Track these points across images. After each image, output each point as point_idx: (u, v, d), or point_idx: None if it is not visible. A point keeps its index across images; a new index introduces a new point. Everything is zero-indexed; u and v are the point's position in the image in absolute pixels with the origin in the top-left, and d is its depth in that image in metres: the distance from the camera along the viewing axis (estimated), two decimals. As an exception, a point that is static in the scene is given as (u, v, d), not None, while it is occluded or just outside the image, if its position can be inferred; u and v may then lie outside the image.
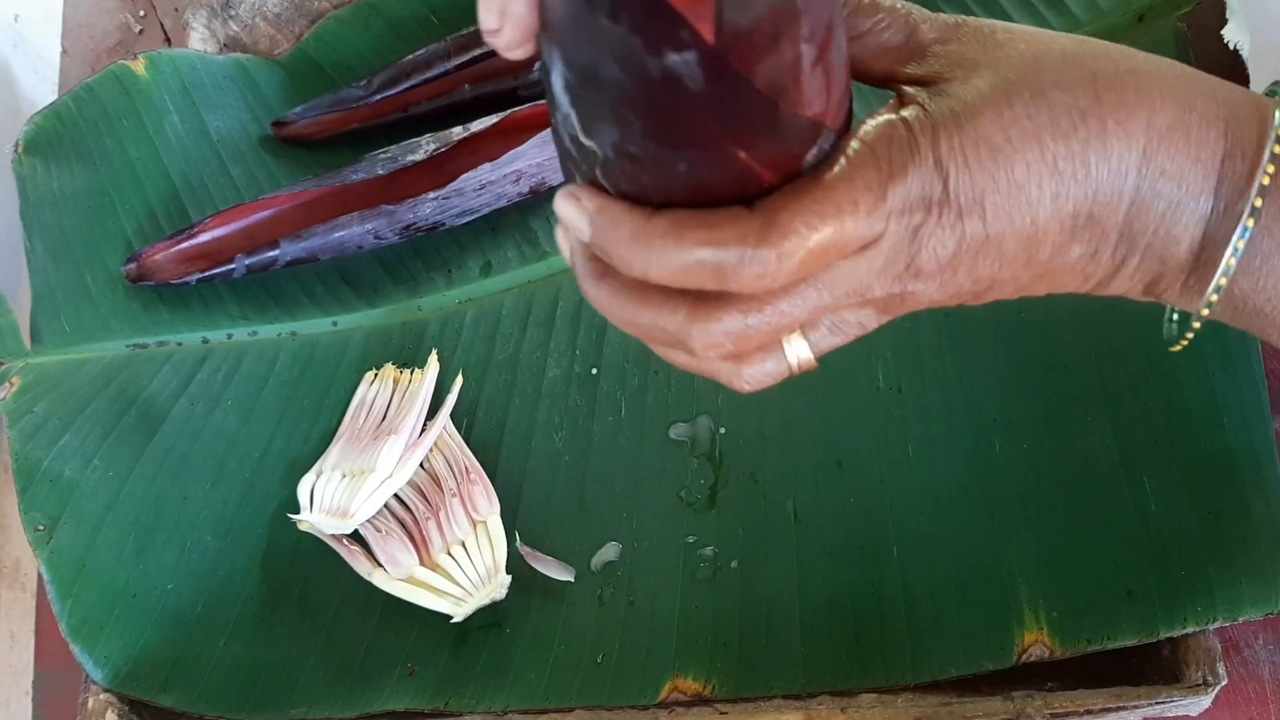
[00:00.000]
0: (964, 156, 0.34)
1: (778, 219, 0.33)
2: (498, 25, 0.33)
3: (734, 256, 0.33)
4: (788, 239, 0.33)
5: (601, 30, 0.32)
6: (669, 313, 0.35)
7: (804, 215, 0.33)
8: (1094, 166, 0.34)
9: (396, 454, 0.61)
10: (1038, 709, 0.50)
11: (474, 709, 0.58)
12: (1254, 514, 0.53)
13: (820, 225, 0.33)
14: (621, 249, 0.35)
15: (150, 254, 0.67)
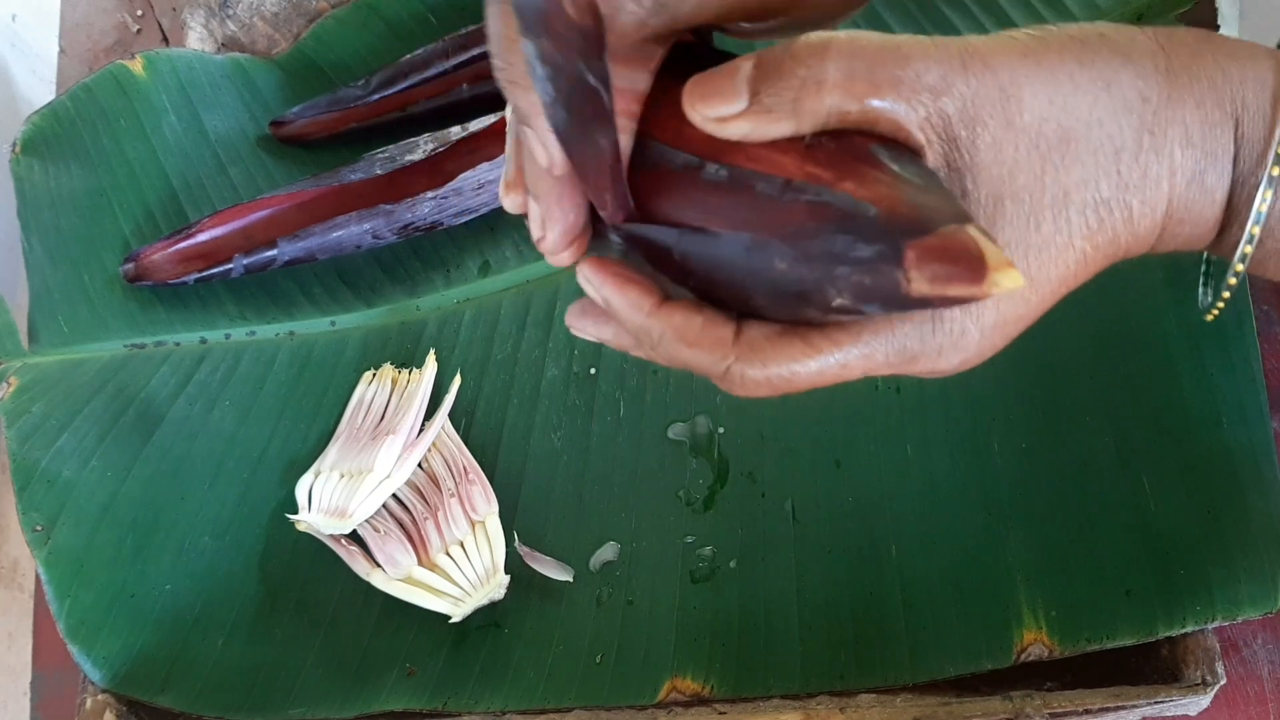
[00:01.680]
0: (996, 303, 0.35)
1: (754, 357, 0.35)
2: (541, 234, 0.37)
3: (710, 371, 0.36)
4: (759, 372, 0.35)
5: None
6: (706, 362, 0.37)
7: (782, 358, 0.35)
8: (1123, 241, 0.35)
9: (395, 454, 0.61)
10: (1036, 708, 0.50)
11: (472, 709, 0.57)
12: (1253, 513, 0.53)
13: (795, 364, 0.35)
14: (629, 330, 0.38)
15: (148, 254, 0.67)
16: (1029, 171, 0.34)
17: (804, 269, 0.33)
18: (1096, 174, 0.34)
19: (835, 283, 0.33)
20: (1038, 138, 0.34)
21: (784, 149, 0.34)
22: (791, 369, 0.35)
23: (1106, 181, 0.34)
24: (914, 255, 0.31)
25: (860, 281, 0.32)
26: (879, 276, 0.32)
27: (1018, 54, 0.34)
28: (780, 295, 0.34)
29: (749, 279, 0.35)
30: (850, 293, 0.32)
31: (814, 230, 0.33)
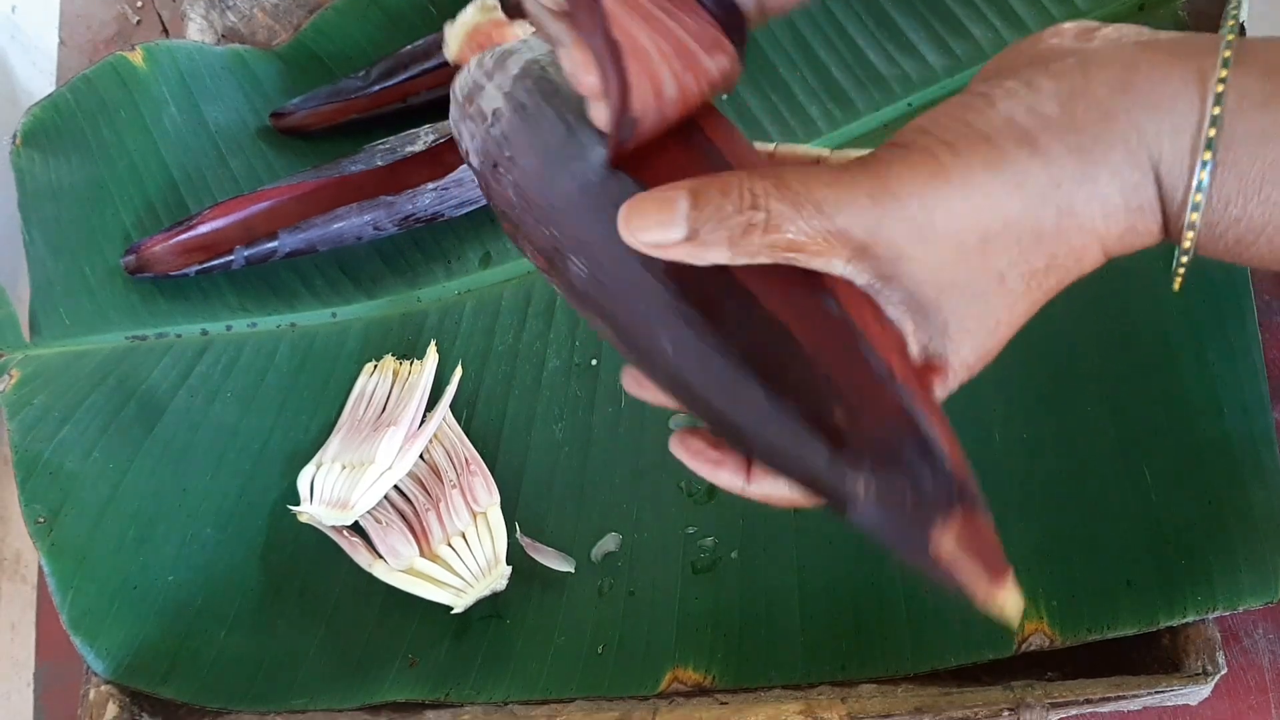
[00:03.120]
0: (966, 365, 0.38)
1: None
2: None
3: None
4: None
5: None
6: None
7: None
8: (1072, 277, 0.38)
9: (396, 445, 0.61)
10: (1038, 698, 0.50)
11: (475, 699, 0.58)
12: (1254, 503, 0.53)
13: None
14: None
15: (149, 246, 0.67)
16: (959, 269, 0.36)
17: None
18: (1025, 255, 0.36)
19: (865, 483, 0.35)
20: (959, 245, 0.36)
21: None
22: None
23: (1037, 258, 0.36)
24: (954, 532, 0.33)
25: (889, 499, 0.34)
26: (914, 512, 0.34)
27: (926, 176, 0.36)
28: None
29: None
30: (873, 499, 0.35)
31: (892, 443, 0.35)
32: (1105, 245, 0.37)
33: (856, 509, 0.35)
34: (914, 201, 0.35)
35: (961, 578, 0.33)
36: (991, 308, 0.37)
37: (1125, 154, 0.35)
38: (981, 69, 0.39)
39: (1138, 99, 0.35)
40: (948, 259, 0.36)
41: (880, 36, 0.67)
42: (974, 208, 0.35)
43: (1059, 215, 0.36)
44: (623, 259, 0.37)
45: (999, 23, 0.66)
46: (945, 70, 0.66)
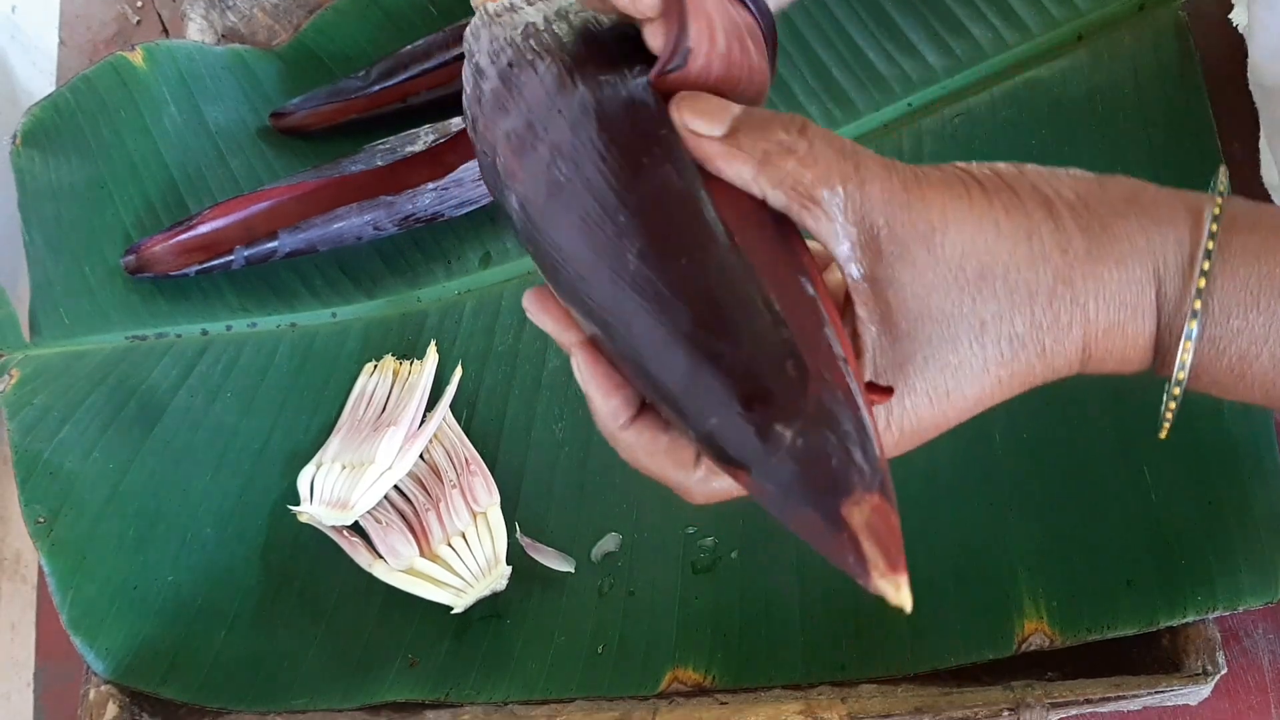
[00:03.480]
0: (915, 415, 0.37)
1: (713, 477, 0.38)
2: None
3: (670, 483, 0.40)
4: (716, 487, 0.39)
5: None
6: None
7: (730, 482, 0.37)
8: (1039, 373, 0.38)
9: (396, 445, 0.61)
10: (1038, 698, 0.50)
11: (475, 699, 0.58)
12: (1254, 503, 0.53)
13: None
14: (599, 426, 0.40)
15: (149, 246, 0.67)
16: (947, 297, 0.36)
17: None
18: (1012, 311, 0.36)
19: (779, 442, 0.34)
20: (958, 270, 0.36)
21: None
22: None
23: (1020, 319, 0.36)
24: (869, 508, 0.33)
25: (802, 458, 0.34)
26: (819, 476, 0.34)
27: (954, 193, 0.37)
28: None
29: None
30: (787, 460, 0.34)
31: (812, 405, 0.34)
32: (1088, 338, 0.37)
33: (766, 462, 0.34)
34: (936, 207, 0.36)
35: (863, 552, 0.33)
36: (957, 360, 0.36)
37: (1131, 250, 0.37)
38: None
39: (1145, 209, 0.37)
40: (941, 282, 0.36)
41: (880, 36, 0.67)
42: (983, 241, 0.36)
43: (1055, 281, 0.36)
44: (614, 167, 0.37)
45: (999, 23, 0.66)
46: (945, 70, 0.66)
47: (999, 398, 0.38)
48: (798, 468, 0.34)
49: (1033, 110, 0.63)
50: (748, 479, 0.35)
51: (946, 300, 0.36)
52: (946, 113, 0.65)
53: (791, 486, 0.34)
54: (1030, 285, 0.36)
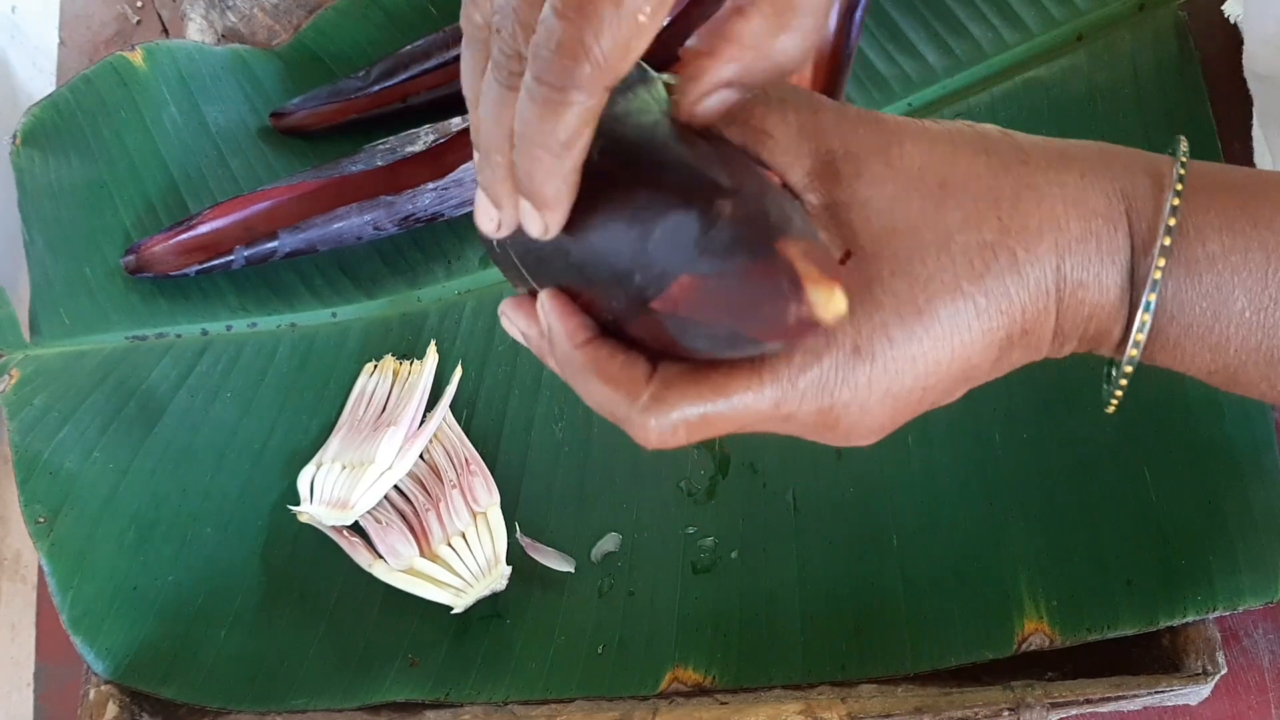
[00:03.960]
0: (886, 334, 0.35)
1: (666, 396, 0.35)
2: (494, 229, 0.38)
3: (623, 414, 0.36)
4: (669, 414, 0.35)
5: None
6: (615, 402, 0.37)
7: (690, 397, 0.35)
8: (1014, 294, 0.35)
9: (396, 445, 0.61)
10: (1038, 698, 0.50)
11: (475, 699, 0.58)
12: (1254, 503, 0.53)
13: (704, 405, 0.35)
14: (551, 363, 0.38)
15: (149, 246, 0.67)
16: (909, 206, 0.35)
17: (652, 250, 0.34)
18: (977, 218, 0.35)
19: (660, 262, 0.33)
20: (918, 180, 0.35)
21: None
22: (702, 410, 0.35)
23: (988, 226, 0.35)
24: (798, 247, 0.32)
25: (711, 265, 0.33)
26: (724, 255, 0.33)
27: (911, 121, 0.37)
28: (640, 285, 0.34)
29: (616, 265, 0.35)
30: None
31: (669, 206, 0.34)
32: (1060, 246, 0.35)
33: (705, 237, 0.33)
34: (890, 125, 0.36)
35: (796, 270, 0.32)
36: (926, 273, 0.35)
37: (1095, 166, 0.36)
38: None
39: (1116, 153, 0.37)
40: (901, 193, 0.35)
41: (880, 36, 0.67)
42: (940, 154, 0.36)
43: (1019, 186, 0.35)
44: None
45: (999, 22, 0.66)
46: (945, 70, 0.66)
47: (979, 336, 0.35)
48: (735, 230, 0.33)
49: (1033, 110, 0.63)
50: (689, 285, 0.33)
51: (909, 210, 0.35)
52: (946, 112, 0.65)
53: (730, 249, 0.33)
54: (994, 191, 0.35)
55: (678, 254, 0.33)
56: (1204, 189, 0.36)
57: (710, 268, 0.33)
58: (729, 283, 0.33)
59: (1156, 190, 0.36)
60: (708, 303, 0.33)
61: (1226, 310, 0.36)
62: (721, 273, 0.33)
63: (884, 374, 0.35)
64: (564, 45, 0.31)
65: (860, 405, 0.36)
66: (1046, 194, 0.35)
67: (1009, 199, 0.35)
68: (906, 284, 0.35)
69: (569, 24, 0.31)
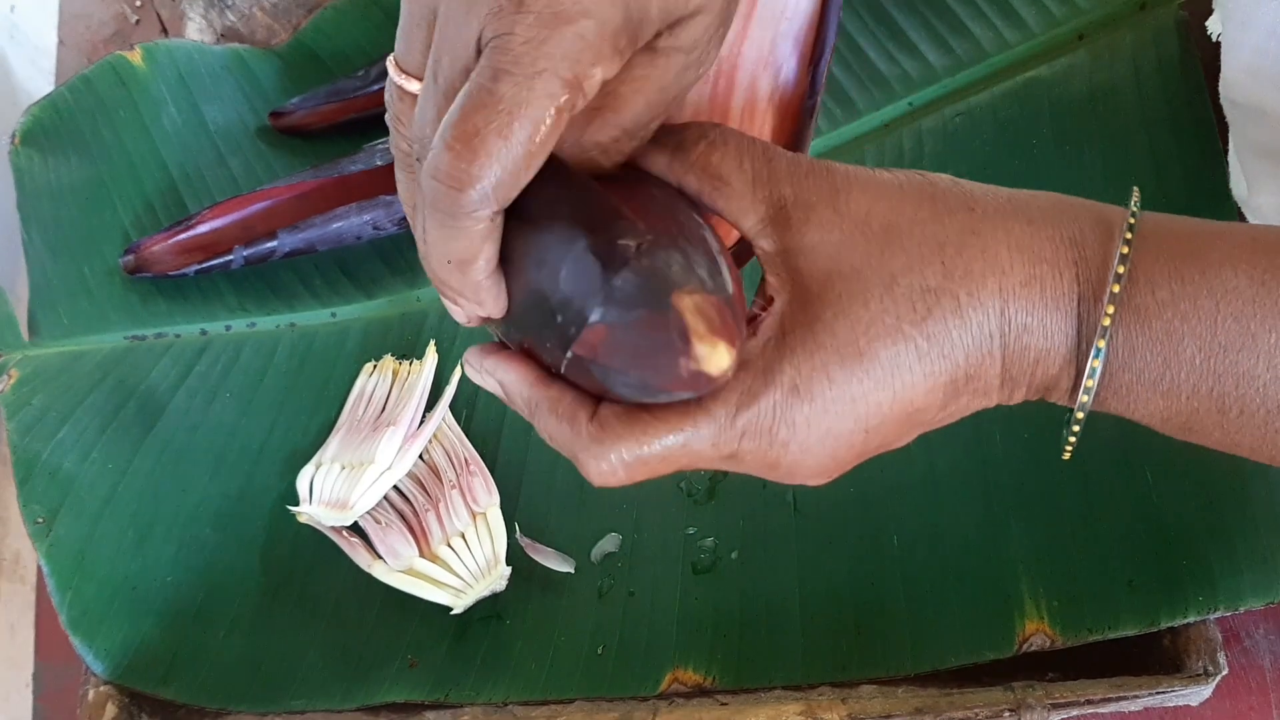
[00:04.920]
0: (826, 374, 0.35)
1: (603, 436, 0.36)
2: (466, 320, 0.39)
3: (570, 451, 0.37)
4: (607, 454, 0.36)
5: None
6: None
7: (624, 439, 0.36)
8: (956, 338, 0.35)
9: (396, 445, 0.61)
10: (1038, 699, 0.50)
11: (474, 700, 0.58)
12: (1254, 503, 0.53)
13: (639, 447, 0.36)
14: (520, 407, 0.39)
15: (148, 245, 0.67)
16: (854, 251, 0.35)
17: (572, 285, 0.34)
18: (921, 263, 0.35)
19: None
20: (864, 225, 0.36)
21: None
22: (637, 452, 0.36)
23: (931, 271, 0.35)
24: (693, 300, 0.33)
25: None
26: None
27: (861, 170, 0.37)
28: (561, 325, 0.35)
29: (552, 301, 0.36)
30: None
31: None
32: (1004, 291, 0.35)
33: (609, 284, 0.34)
34: (840, 174, 0.37)
35: (685, 324, 0.33)
36: (869, 316, 0.35)
37: (1041, 213, 0.36)
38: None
39: (1066, 203, 0.37)
40: (848, 239, 0.36)
41: (881, 35, 0.67)
42: (888, 201, 0.36)
43: (963, 232, 0.36)
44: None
45: (1000, 22, 0.66)
46: (946, 70, 0.66)
47: (921, 379, 0.35)
48: (638, 278, 0.33)
49: (1033, 110, 0.63)
50: (600, 332, 0.34)
51: (854, 255, 0.35)
52: (947, 112, 0.65)
53: (631, 299, 0.33)
54: (938, 237, 0.36)
55: (588, 296, 0.34)
56: (1154, 237, 0.36)
57: (615, 316, 0.34)
58: (630, 333, 0.34)
59: (1106, 238, 0.36)
60: (616, 351, 0.34)
61: (1177, 357, 0.36)
62: (624, 322, 0.34)
63: (824, 414, 0.35)
64: (452, 176, 0.33)
65: (800, 445, 0.36)
66: (991, 240, 0.36)
67: (953, 244, 0.35)
68: (848, 325, 0.35)
69: (455, 156, 0.33)
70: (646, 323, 0.33)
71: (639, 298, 0.34)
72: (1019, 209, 0.37)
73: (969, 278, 0.35)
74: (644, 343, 0.34)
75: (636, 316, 0.34)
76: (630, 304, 0.34)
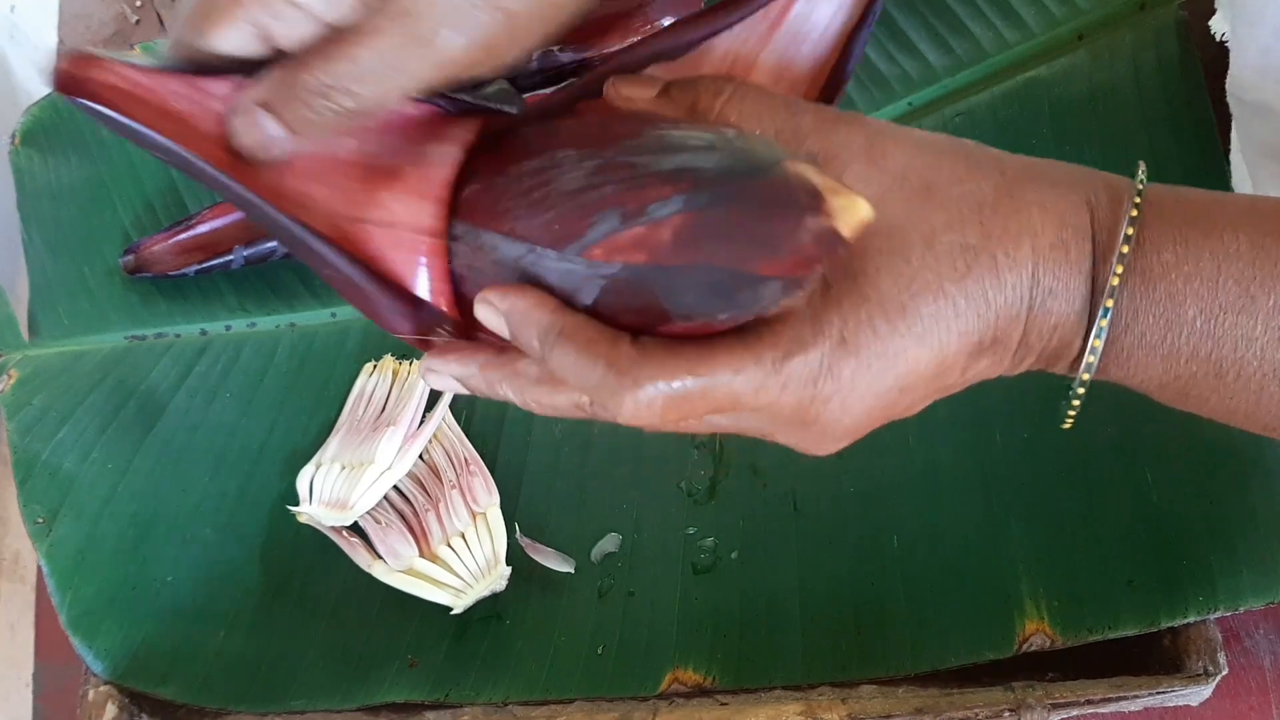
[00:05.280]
0: (871, 328, 0.35)
1: (644, 364, 0.34)
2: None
3: (598, 382, 0.34)
4: (646, 385, 0.34)
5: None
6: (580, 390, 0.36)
7: (670, 369, 0.34)
8: (992, 298, 0.36)
9: (396, 445, 0.61)
10: (1038, 699, 0.50)
11: (474, 700, 0.58)
12: (1255, 503, 0.53)
13: (685, 378, 0.33)
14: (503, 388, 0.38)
15: (148, 245, 0.67)
16: (895, 207, 0.35)
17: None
18: (961, 221, 0.35)
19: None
20: (902, 181, 0.35)
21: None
22: (683, 383, 0.34)
23: (971, 229, 0.35)
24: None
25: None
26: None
27: (892, 125, 0.37)
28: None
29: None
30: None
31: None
32: (1036, 252, 0.36)
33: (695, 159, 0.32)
34: (873, 126, 0.36)
35: (815, 184, 0.30)
36: (910, 271, 0.35)
37: (1062, 177, 0.37)
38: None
39: (1079, 171, 0.38)
40: (886, 193, 0.35)
41: (881, 35, 0.67)
42: (924, 158, 0.36)
43: (998, 193, 0.36)
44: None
45: (1000, 22, 0.66)
46: (946, 70, 0.66)
47: (956, 338, 0.35)
48: (731, 156, 0.32)
49: (1033, 110, 0.63)
50: (680, 222, 0.31)
51: (894, 209, 0.35)
52: (947, 112, 0.65)
53: (728, 175, 0.31)
54: (976, 195, 0.36)
55: (661, 184, 0.31)
56: (1159, 203, 0.37)
57: (705, 198, 0.31)
58: (730, 210, 0.31)
59: (1115, 204, 0.37)
60: (703, 238, 0.31)
61: (1178, 319, 0.36)
62: (720, 200, 0.31)
63: (867, 370, 0.35)
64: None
65: (841, 401, 0.35)
66: (1023, 202, 0.36)
67: (990, 205, 0.36)
68: (891, 280, 0.35)
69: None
70: (755, 190, 0.30)
71: (737, 173, 0.31)
72: (1042, 173, 0.37)
73: (1005, 238, 0.35)
74: (751, 214, 0.30)
75: (741, 187, 0.30)
76: (727, 179, 0.31)
